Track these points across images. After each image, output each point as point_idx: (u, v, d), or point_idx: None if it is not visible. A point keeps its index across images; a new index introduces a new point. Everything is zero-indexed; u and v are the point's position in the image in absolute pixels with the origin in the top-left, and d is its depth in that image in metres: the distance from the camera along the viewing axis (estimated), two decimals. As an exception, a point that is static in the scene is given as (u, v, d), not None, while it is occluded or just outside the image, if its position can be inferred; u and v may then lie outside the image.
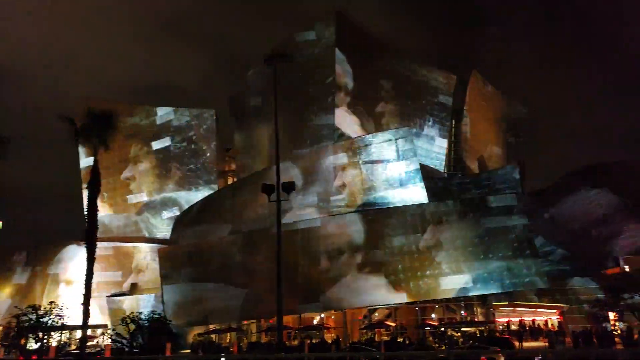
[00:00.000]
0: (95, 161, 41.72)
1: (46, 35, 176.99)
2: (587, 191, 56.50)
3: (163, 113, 72.82)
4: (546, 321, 56.19)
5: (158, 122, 71.85)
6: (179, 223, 56.37)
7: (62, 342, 51.93)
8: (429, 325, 47.53)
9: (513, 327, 54.93)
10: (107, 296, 58.79)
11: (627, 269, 56.74)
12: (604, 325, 47.59)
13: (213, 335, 52.64)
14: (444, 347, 41.37)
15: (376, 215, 43.18)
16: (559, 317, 54.90)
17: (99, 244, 41.20)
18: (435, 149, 67.75)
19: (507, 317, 54.07)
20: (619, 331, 46.60)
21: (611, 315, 50.20)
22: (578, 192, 57.07)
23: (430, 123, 66.84)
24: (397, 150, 47.16)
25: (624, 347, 39.01)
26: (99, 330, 58.73)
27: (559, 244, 57.92)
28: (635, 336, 42.25)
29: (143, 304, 53.79)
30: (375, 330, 48.17)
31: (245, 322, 53.52)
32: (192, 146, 70.76)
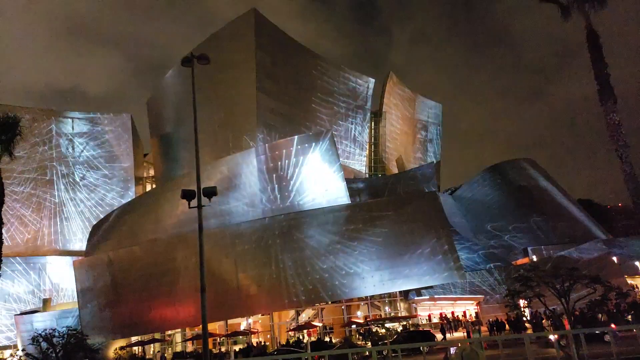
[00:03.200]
0: (-2, 170, 38.62)
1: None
2: (495, 190, 60.65)
3: (75, 118, 68.75)
4: (465, 312, 59.49)
5: (70, 127, 67.73)
6: (95, 232, 53.48)
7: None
8: (355, 323, 48.69)
9: (435, 320, 57.72)
10: (15, 315, 54.45)
11: (534, 259, 61.65)
12: (515, 312, 51.16)
13: (135, 348, 50.47)
14: (369, 344, 42.53)
15: (299, 217, 43.57)
16: (476, 307, 58.35)
17: (6, 259, 38.27)
18: (356, 150, 69.73)
19: (428, 311, 56.73)
20: (528, 317, 50.36)
21: (522, 302, 54.09)
22: (488, 192, 61.10)
23: (350, 125, 68.68)
24: (319, 153, 47.88)
25: (533, 330, 42.16)
26: (7, 352, 54.35)
27: (474, 239, 61.75)
28: (544, 321, 45.90)
29: (58, 321, 50.32)
30: (306, 331, 48.52)
31: (169, 331, 51.83)
32: (107, 152, 67.38)
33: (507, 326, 46.19)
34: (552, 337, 27.75)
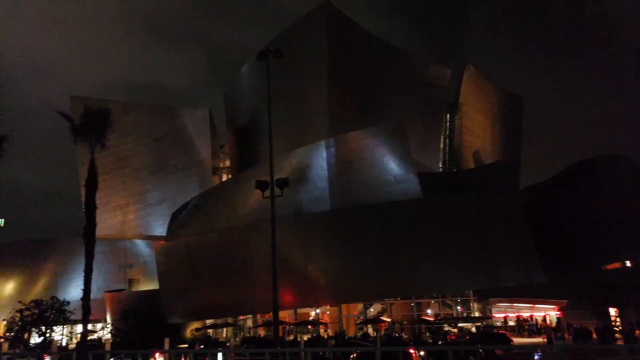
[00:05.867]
0: (92, 159, 41.95)
1: (39, 37, 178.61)
2: (583, 188, 55.94)
3: (157, 111, 73.15)
4: (544, 317, 55.98)
5: (153, 120, 72.14)
6: (175, 219, 56.47)
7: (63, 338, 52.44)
8: (425, 320, 47.48)
9: (511, 323, 54.89)
10: (106, 292, 59.23)
11: (628, 264, 56.35)
12: (604, 321, 47.24)
13: (210, 330, 52.92)
14: (440, 343, 41.28)
15: (369, 211, 42.99)
16: (557, 312, 54.69)
17: (98, 241, 41.56)
18: (429, 143, 67.45)
19: (504, 313, 54.05)
20: (619, 327, 46.24)
21: (612, 311, 49.88)
22: (574, 189, 56.50)
23: (424, 117, 66.37)
24: (390, 146, 46.86)
25: (625, 343, 38.66)
26: (99, 325, 59.36)
27: (558, 238, 57.47)
28: (637, 332, 41.82)
29: (142, 300, 54.03)
30: (378, 325, 48.09)
31: (241, 317, 53.70)
32: (187, 143, 71.02)
33: (594, 335, 42.70)
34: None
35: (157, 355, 29.25)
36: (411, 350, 25.82)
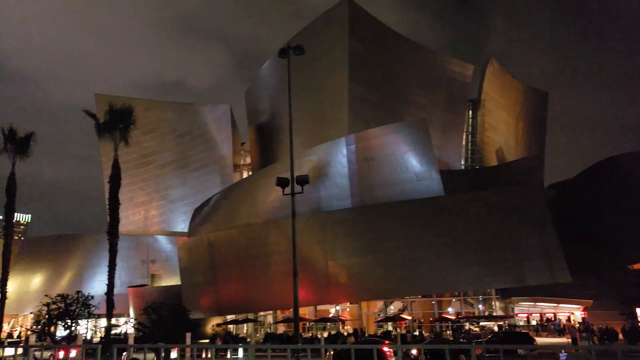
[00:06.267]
0: (116, 156, 42.73)
1: (66, 37, 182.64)
2: (610, 185, 54.49)
3: (179, 109, 74.00)
4: (569, 317, 54.87)
5: (175, 117, 73.06)
6: (197, 215, 57.09)
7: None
8: (446, 319, 46.99)
9: (533, 322, 53.96)
10: (129, 287, 60.27)
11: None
12: (631, 321, 46.12)
13: (230, 326, 53.36)
14: (461, 342, 40.78)
15: (389, 208, 42.71)
16: (582, 312, 53.54)
17: (121, 236, 42.33)
18: (451, 140, 66.49)
19: (526, 312, 53.06)
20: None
21: (639, 311, 48.61)
22: (601, 186, 55.12)
23: (446, 113, 65.47)
24: (412, 142, 46.41)
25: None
26: (122, 319, 60.43)
27: (584, 236, 56.23)
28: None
29: (164, 295, 54.79)
30: (398, 323, 47.83)
31: (261, 313, 54.01)
32: (208, 140, 71.74)
33: (620, 336, 41.67)
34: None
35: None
36: (385, 349, 25.35)
